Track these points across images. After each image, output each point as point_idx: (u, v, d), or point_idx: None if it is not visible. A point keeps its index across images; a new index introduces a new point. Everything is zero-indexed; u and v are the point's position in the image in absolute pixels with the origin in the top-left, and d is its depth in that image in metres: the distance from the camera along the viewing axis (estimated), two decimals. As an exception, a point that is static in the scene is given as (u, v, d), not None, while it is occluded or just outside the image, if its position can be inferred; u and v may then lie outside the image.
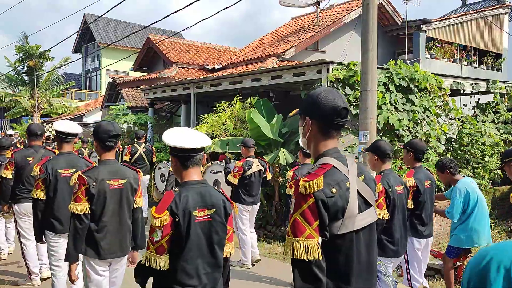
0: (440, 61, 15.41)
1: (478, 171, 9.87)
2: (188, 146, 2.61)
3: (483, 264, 1.12)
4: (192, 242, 2.51)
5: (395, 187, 4.11)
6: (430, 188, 4.72)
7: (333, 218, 1.88)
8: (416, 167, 4.74)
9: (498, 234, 9.10)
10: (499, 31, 17.17)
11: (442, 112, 10.41)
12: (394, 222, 4.09)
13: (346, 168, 2.01)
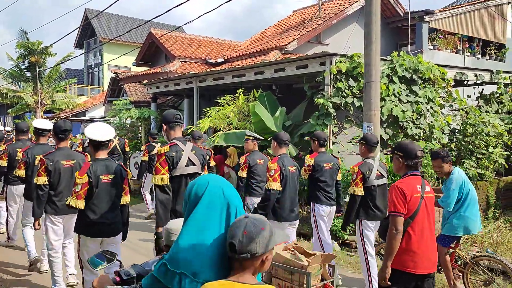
0: (443, 52, 15.34)
1: (482, 161, 9.86)
2: (98, 139, 4.18)
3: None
4: (99, 194, 4.17)
5: (288, 167, 5.34)
6: (331, 169, 6.00)
7: (173, 166, 4.07)
8: (320, 152, 6.03)
9: (503, 224, 9.11)
10: (503, 21, 17.06)
11: (445, 103, 10.40)
12: (285, 193, 5.31)
13: (184, 145, 4.17)
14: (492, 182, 10.24)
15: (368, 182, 5.19)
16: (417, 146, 3.76)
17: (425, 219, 3.53)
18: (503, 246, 6.96)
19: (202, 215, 1.99)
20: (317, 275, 4.05)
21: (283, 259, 4.03)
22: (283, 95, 11.07)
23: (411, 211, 3.49)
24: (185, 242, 1.97)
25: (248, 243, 1.84)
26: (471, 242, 7.42)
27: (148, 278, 2.12)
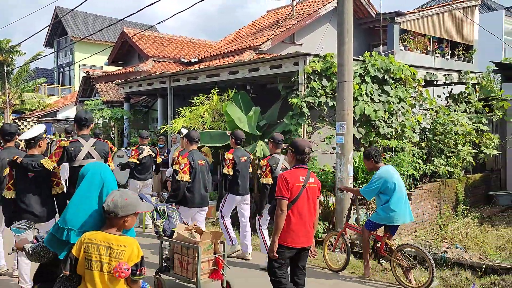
0: (414, 53, 15.67)
1: (452, 160, 10.12)
2: (24, 138, 4.92)
3: None
4: (25, 185, 4.77)
5: (197, 161, 6.17)
6: (245, 162, 6.87)
7: (72, 159, 5.07)
8: (236, 148, 6.87)
9: (471, 221, 9.38)
10: (470, 23, 17.55)
11: (416, 103, 10.61)
12: (195, 184, 6.12)
13: (86, 142, 5.14)
14: (461, 179, 10.53)
15: (275, 173, 6.11)
16: (306, 143, 4.36)
17: (304, 204, 4.23)
18: (471, 241, 7.16)
19: (85, 189, 2.98)
20: (208, 249, 5.00)
21: (182, 237, 5.03)
22: (258, 94, 11.08)
23: (293, 196, 4.17)
24: (71, 206, 2.97)
25: (114, 207, 2.80)
26: (441, 238, 7.60)
27: (47, 235, 3.05)
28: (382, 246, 5.96)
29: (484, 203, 11.60)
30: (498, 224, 9.18)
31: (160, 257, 5.37)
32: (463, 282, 5.70)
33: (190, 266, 4.93)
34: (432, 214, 9.35)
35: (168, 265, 5.29)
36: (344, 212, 7.64)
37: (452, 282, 5.74)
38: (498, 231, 8.21)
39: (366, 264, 6.08)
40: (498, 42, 18.70)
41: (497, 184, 12.57)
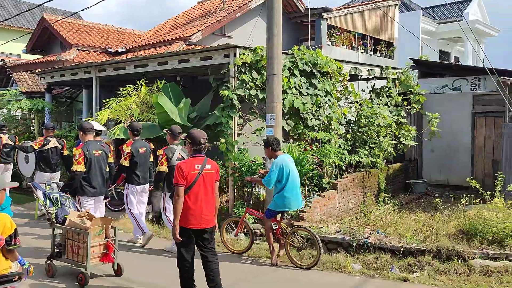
0: (340, 48, 16.28)
1: (374, 150, 10.68)
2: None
3: None
4: None
5: (92, 151, 6.38)
6: (145, 153, 7.21)
7: None
8: (134, 140, 7.16)
9: (392, 207, 9.97)
10: (391, 22, 18.56)
11: (342, 96, 11.06)
12: (91, 174, 6.36)
13: None
14: (383, 169, 11.16)
15: (171, 162, 6.57)
16: (202, 134, 4.79)
17: (201, 190, 4.65)
18: (391, 226, 7.60)
19: None
20: (99, 234, 5.40)
21: (74, 223, 5.43)
22: (188, 86, 10.95)
23: (189, 183, 4.58)
24: None
25: None
26: (364, 225, 8.00)
27: None
28: (278, 229, 6.44)
29: (403, 190, 12.40)
30: (415, 210, 9.85)
31: (52, 244, 5.68)
32: (383, 264, 6.07)
33: (81, 251, 5.35)
34: (357, 202, 9.83)
35: (60, 251, 5.64)
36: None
37: (374, 265, 6.09)
38: (415, 216, 8.79)
39: (272, 250, 6.42)
40: (416, 40, 19.94)
41: (415, 173, 13.48)
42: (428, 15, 26.23)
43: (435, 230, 7.20)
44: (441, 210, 8.40)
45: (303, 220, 7.76)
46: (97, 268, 5.64)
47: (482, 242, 6.50)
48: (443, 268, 5.88)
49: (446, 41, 26.79)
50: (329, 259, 6.36)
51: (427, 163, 13.53)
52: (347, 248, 6.89)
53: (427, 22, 24.94)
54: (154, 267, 6.16)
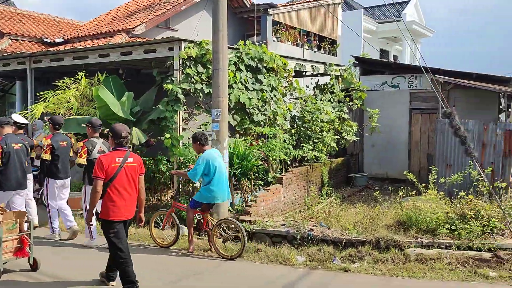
0: (285, 44, 16.49)
1: (318, 145, 10.93)
2: None
3: None
4: None
5: (11, 144, 6.38)
6: (65, 147, 7.13)
7: None
8: (55, 133, 7.10)
9: (334, 200, 10.27)
10: (335, 20, 19.04)
11: (287, 92, 11.22)
12: (9, 167, 6.35)
13: None
14: (326, 163, 11.46)
15: (91, 155, 6.65)
16: (123, 128, 4.92)
17: (124, 182, 4.81)
18: (334, 219, 7.83)
19: None
20: (12, 228, 5.38)
21: None
22: (132, 80, 10.64)
23: (109, 176, 4.72)
24: None
25: None
26: (308, 218, 8.18)
27: None
28: (205, 221, 6.62)
29: (345, 184, 12.80)
30: (356, 202, 10.21)
31: (-36, 239, 5.58)
32: (326, 256, 6.24)
33: (-8, 246, 5.26)
34: (301, 195, 10.02)
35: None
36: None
37: (317, 257, 6.25)
38: (356, 209, 9.11)
39: (190, 239, 6.63)
40: (359, 38, 20.59)
41: (356, 167, 13.95)
42: (370, 15, 27.18)
43: (374, 221, 7.50)
44: (380, 202, 8.76)
45: (249, 214, 7.81)
46: (13, 263, 5.60)
47: (417, 231, 6.86)
48: (382, 257, 6.14)
49: (386, 40, 27.89)
50: (274, 252, 6.45)
51: (367, 157, 14.04)
52: (291, 241, 7.02)
53: (369, 21, 25.83)
54: (73, 261, 6.21)
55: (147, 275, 5.40)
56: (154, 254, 6.52)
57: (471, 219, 6.82)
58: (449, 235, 6.70)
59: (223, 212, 7.80)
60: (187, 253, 6.53)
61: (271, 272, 5.89)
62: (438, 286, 5.38)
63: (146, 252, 6.61)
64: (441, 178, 9.14)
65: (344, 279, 5.63)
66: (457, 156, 10.37)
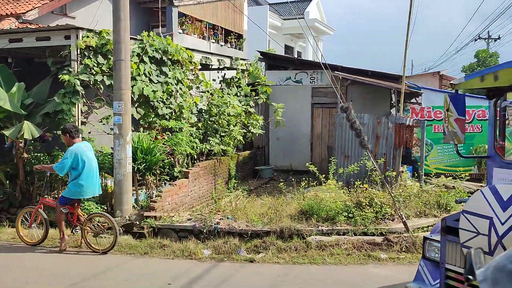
0: (191, 37, 16.30)
1: (225, 139, 10.99)
2: None
3: None
4: None
5: None
6: None
7: None
8: None
9: (241, 193, 10.42)
10: (241, 14, 19.22)
11: (193, 85, 11.11)
12: None
13: None
14: (233, 157, 11.57)
15: None
16: None
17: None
18: (240, 211, 7.95)
19: None
20: None
21: None
22: (23, 69, 9.79)
23: None
24: None
25: None
26: (215, 211, 8.21)
27: None
28: (75, 217, 6.59)
29: (252, 176, 13.04)
30: (262, 194, 10.46)
31: None
32: (232, 248, 6.33)
33: None
34: (208, 189, 10.02)
35: None
36: (123, 194, 7.52)
37: (223, 249, 6.31)
38: (262, 201, 9.33)
39: (62, 236, 6.54)
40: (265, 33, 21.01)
41: (262, 160, 14.29)
42: (275, 11, 27.87)
43: (279, 212, 7.76)
44: (284, 193, 9.08)
45: (154, 210, 7.63)
46: None
47: (318, 220, 7.23)
48: (285, 246, 6.38)
49: (290, 36, 28.83)
50: (180, 247, 6.40)
51: (273, 150, 14.45)
52: (198, 235, 7.02)
53: (274, 17, 26.48)
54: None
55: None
56: (22, 253, 6.38)
57: (366, 207, 7.35)
58: (347, 222, 7.16)
59: (126, 209, 7.55)
60: (59, 251, 6.43)
61: (177, 267, 5.84)
62: (336, 270, 5.73)
63: (16, 251, 6.45)
64: (340, 169, 9.73)
65: (249, 269, 5.75)
66: (354, 148, 11.08)
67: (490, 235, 3.24)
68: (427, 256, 3.98)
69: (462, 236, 3.44)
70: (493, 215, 3.23)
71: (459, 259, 3.53)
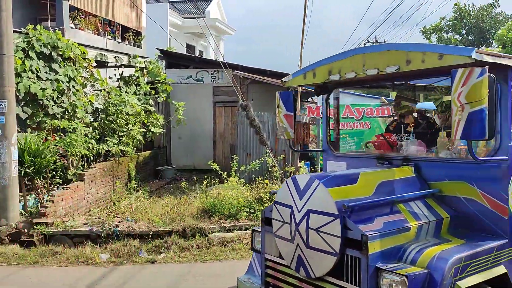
0: (86, 33, 15.39)
1: (124, 139, 10.60)
2: None
3: None
4: None
5: None
6: None
7: None
8: None
9: (142, 194, 10.12)
10: (139, 11, 18.64)
11: (88, 83, 10.54)
12: None
13: None
14: (133, 157, 11.20)
15: None
16: None
17: None
18: (141, 213, 7.73)
19: None
20: None
21: None
22: None
23: None
24: None
25: None
26: (114, 214, 7.89)
27: None
28: None
29: (153, 177, 12.75)
30: (164, 194, 10.26)
31: None
32: (132, 250, 6.14)
33: None
34: (106, 192, 9.58)
35: None
36: (8, 200, 6.92)
37: (122, 252, 6.10)
38: (164, 201, 9.16)
39: None
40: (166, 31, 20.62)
41: (164, 160, 14.04)
42: (175, 9, 27.49)
43: (181, 211, 7.70)
44: (187, 192, 9.02)
45: (45, 216, 7.10)
46: None
47: (221, 217, 7.30)
48: (187, 245, 6.35)
49: (191, 35, 28.64)
50: (75, 253, 6.06)
51: (175, 150, 14.26)
52: (95, 240, 6.70)
53: (174, 15, 26.10)
54: None
55: None
56: None
57: (266, 201, 7.58)
58: (248, 217, 7.32)
59: (13, 217, 6.96)
60: None
61: (72, 274, 5.51)
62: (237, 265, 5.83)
63: None
64: (242, 166, 9.91)
65: (150, 270, 5.63)
66: (255, 145, 11.36)
67: (291, 223, 3.30)
68: (256, 248, 3.94)
69: (274, 226, 3.48)
70: (293, 204, 3.30)
71: (275, 249, 3.53)
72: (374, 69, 3.55)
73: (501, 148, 3.30)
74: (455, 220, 3.48)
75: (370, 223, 3.05)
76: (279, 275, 3.56)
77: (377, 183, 3.39)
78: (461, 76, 2.81)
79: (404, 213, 3.28)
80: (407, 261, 2.98)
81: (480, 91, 2.75)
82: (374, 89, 7.76)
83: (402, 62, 3.36)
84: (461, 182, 3.50)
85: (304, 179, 3.29)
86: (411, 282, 2.73)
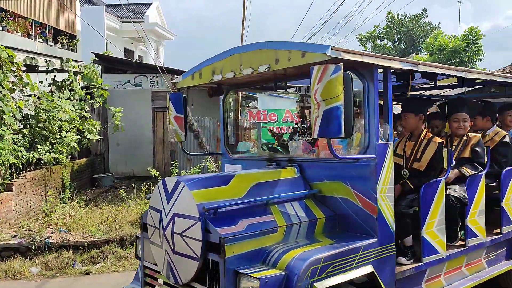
0: (14, 35, 14.61)
1: (57, 146, 10.12)
2: None
3: None
4: None
5: None
6: None
7: None
8: None
9: (78, 204, 9.71)
10: (73, 13, 17.95)
11: (16, 88, 9.97)
12: None
13: None
14: (67, 165, 10.72)
15: None
16: None
17: None
18: (76, 223, 7.41)
19: None
20: None
21: None
22: None
23: None
24: None
25: None
26: (46, 225, 7.52)
27: None
28: None
29: (90, 185, 12.26)
30: (102, 203, 9.91)
31: None
32: (65, 262, 5.87)
33: None
34: (38, 202, 9.08)
35: None
36: None
37: (55, 265, 5.82)
38: (101, 210, 8.84)
39: None
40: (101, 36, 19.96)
41: (102, 167, 13.55)
42: (113, 13, 26.72)
43: (119, 220, 7.47)
44: (126, 200, 8.76)
45: (-32, 230, 6.63)
46: None
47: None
48: (125, 253, 6.17)
49: (130, 40, 27.95)
50: (2, 268, 5.70)
51: (113, 157, 13.81)
52: (25, 253, 6.34)
53: (111, 19, 25.39)
54: None
55: None
56: None
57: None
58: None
59: None
60: None
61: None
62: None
63: None
64: (182, 172, 9.80)
65: (84, 282, 5.41)
66: (196, 150, 11.25)
67: (160, 228, 3.18)
68: (139, 255, 3.80)
69: (149, 232, 3.37)
70: (162, 208, 3.18)
71: (152, 256, 3.42)
72: (249, 68, 3.48)
73: (369, 147, 3.27)
74: (332, 221, 3.43)
75: (233, 225, 2.93)
76: (155, 283, 3.45)
77: (251, 185, 3.29)
78: (317, 73, 2.75)
79: (275, 214, 3.19)
80: (269, 264, 2.89)
81: (335, 88, 2.70)
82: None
83: (272, 61, 3.30)
84: (337, 182, 3.46)
85: (172, 181, 3.18)
86: (264, 286, 2.65)
